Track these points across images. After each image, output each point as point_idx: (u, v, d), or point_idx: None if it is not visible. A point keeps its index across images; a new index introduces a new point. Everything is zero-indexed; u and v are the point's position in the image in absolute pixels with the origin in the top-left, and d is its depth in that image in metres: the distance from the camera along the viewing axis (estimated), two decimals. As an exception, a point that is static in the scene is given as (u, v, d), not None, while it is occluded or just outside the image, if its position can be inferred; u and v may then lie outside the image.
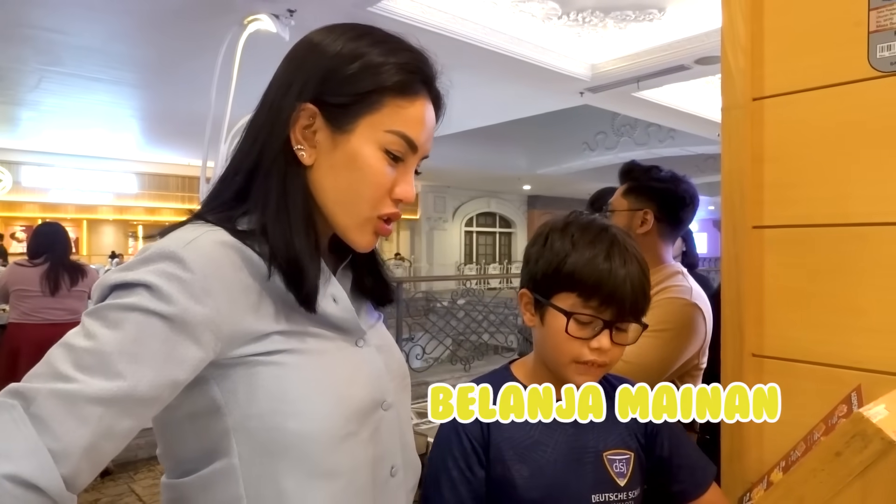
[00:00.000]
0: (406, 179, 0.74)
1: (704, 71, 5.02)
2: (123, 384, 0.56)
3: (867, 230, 0.86)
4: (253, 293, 0.66)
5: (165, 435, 0.70)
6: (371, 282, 0.84)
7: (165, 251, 0.62)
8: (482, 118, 7.03)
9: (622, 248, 0.89)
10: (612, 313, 0.87)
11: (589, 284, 0.86)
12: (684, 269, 1.60)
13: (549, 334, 0.91)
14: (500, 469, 0.90)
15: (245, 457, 0.65)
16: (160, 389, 0.59)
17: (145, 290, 0.60)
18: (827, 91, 0.90)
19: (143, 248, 0.65)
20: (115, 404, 0.55)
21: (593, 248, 0.88)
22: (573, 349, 0.88)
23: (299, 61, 0.72)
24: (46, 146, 9.85)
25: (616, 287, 0.86)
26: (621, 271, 0.86)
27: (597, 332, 0.87)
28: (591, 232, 0.90)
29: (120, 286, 0.61)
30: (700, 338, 1.47)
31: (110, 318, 0.58)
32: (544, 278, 0.91)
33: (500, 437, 0.92)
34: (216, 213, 0.70)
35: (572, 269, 0.88)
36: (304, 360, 0.68)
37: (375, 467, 0.73)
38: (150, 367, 0.58)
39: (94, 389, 0.55)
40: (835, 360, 0.89)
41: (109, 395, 0.55)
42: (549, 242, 0.92)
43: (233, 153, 0.75)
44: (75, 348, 0.57)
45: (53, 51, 4.88)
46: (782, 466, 0.91)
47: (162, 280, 0.60)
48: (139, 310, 0.59)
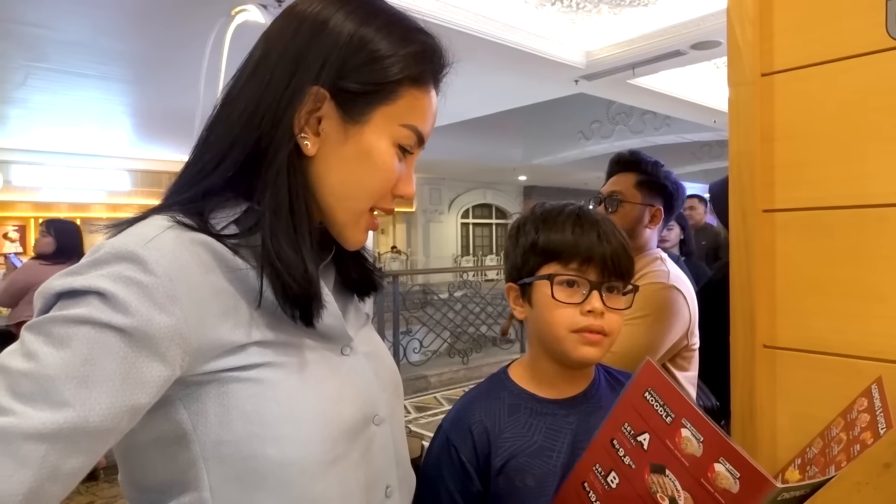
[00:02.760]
0: (408, 175, 0.68)
1: (700, 56, 4.96)
2: (71, 415, 0.47)
3: (887, 211, 0.81)
4: (226, 298, 0.58)
5: (126, 460, 0.61)
6: (355, 273, 0.76)
7: (122, 251, 0.53)
8: (476, 108, 6.96)
9: (588, 215, 0.91)
10: (596, 273, 0.87)
11: (565, 248, 0.88)
12: (663, 255, 1.63)
13: (540, 310, 0.89)
14: (504, 482, 0.85)
15: (217, 489, 0.57)
16: (117, 418, 0.50)
17: (98, 298, 0.51)
18: (841, 64, 0.85)
19: (95, 248, 0.55)
20: (61, 440, 0.47)
21: (561, 220, 0.91)
22: (565, 316, 0.86)
23: (306, 37, 0.62)
24: (36, 144, 9.75)
25: (592, 245, 0.87)
26: (593, 232, 0.88)
27: (586, 296, 0.86)
28: (556, 210, 0.94)
29: (67, 294, 0.52)
30: (684, 319, 1.49)
31: (55, 334, 0.49)
32: (524, 262, 0.91)
33: (500, 449, 0.87)
34: (185, 205, 0.61)
35: (546, 241, 0.90)
36: (285, 375, 0.60)
37: (369, 491, 0.66)
38: (105, 392, 0.49)
39: (35, 423, 0.46)
40: (853, 351, 0.84)
41: (54, 430, 0.47)
42: (522, 229, 0.94)
43: (206, 136, 0.65)
44: (11, 371, 0.48)
45: (39, 46, 4.79)
46: (798, 464, 0.86)
47: (118, 286, 0.51)
48: (90, 323, 0.50)
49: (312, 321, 0.62)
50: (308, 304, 0.61)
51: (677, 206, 1.69)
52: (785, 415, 0.91)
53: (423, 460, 0.91)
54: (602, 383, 0.96)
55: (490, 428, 0.88)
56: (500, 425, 0.89)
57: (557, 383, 0.92)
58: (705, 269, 3.12)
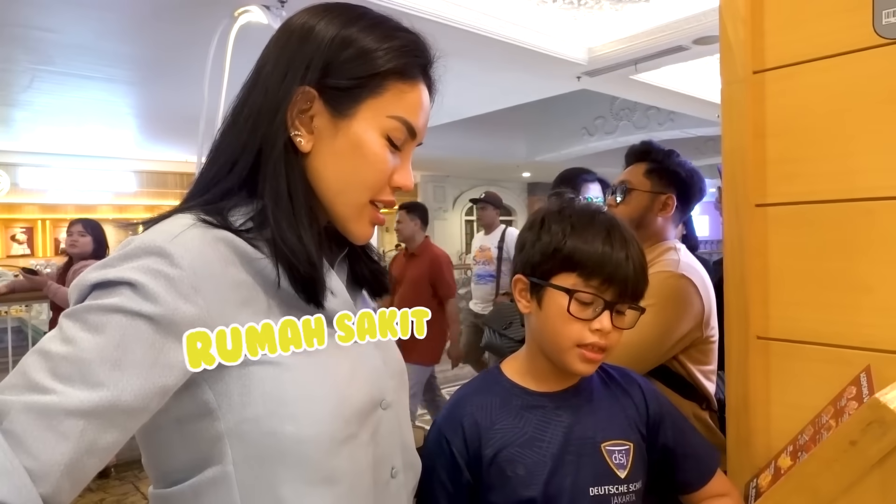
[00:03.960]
0: (405, 167, 0.71)
1: (703, 51, 4.94)
2: (106, 394, 0.52)
3: (875, 205, 0.83)
4: (245, 289, 0.63)
5: (151, 442, 0.66)
6: (367, 271, 0.81)
7: (151, 246, 0.58)
8: (479, 106, 6.96)
9: (621, 231, 0.88)
10: (614, 293, 0.86)
11: (591, 264, 0.86)
12: (678, 245, 1.59)
13: (549, 318, 0.88)
14: (495, 473, 0.88)
15: (240, 463, 0.61)
16: (147, 398, 0.55)
17: (129, 288, 0.55)
18: (830, 61, 0.87)
19: (125, 242, 0.60)
20: (97, 416, 0.51)
21: (592, 229, 0.88)
22: (574, 331, 0.86)
23: (295, 45, 0.68)
24: (43, 147, 9.79)
25: (617, 266, 0.85)
26: (622, 252, 0.86)
27: (598, 313, 0.85)
28: (588, 214, 0.91)
29: (101, 285, 0.57)
30: (694, 309, 1.44)
31: (90, 321, 0.54)
32: (542, 261, 0.89)
33: (491, 442, 0.89)
34: (206, 205, 0.66)
35: (572, 250, 0.87)
36: (301, 359, 0.64)
37: (376, 470, 0.70)
38: (136, 374, 0.54)
39: (74, 401, 0.51)
40: (843, 341, 0.86)
41: (91, 407, 0.51)
42: (546, 226, 0.91)
43: (219, 142, 0.71)
44: (52, 355, 0.53)
45: (44, 50, 4.83)
46: (790, 451, 0.88)
47: (147, 277, 0.56)
48: (122, 311, 0.54)
49: (321, 302, 0.66)
50: (314, 286, 0.65)
51: (694, 194, 1.65)
52: (778, 404, 0.93)
53: (421, 453, 0.94)
54: (594, 377, 0.97)
55: (481, 421, 0.90)
56: (491, 418, 0.91)
57: (550, 379, 0.94)
58: (710, 264, 3.13)
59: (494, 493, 0.88)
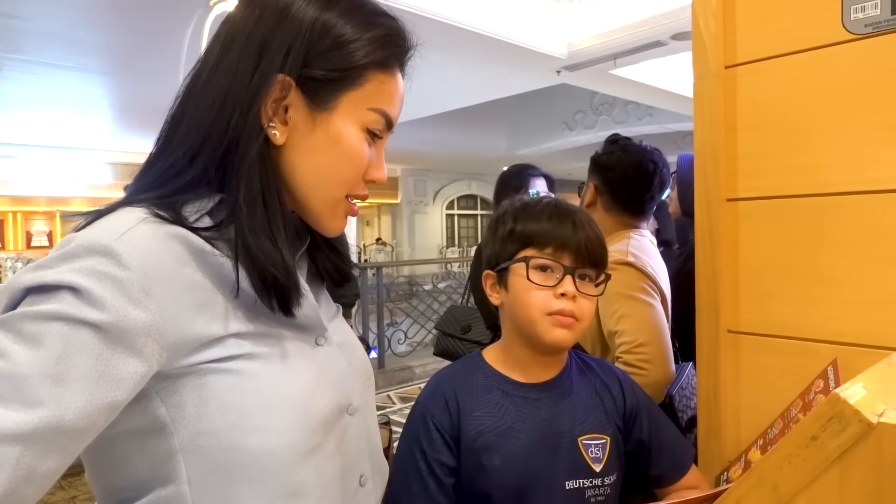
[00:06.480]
0: (379, 159, 0.68)
1: (680, 47, 4.98)
2: (46, 413, 0.46)
3: (843, 199, 0.84)
4: (202, 291, 0.57)
5: (94, 455, 0.59)
6: (329, 263, 0.76)
7: (95, 244, 0.51)
8: (459, 100, 6.94)
9: (564, 206, 0.95)
10: (570, 259, 0.90)
11: (542, 234, 0.91)
12: (635, 234, 1.54)
13: (516, 294, 0.91)
14: (471, 458, 0.88)
15: (196, 481, 0.56)
16: (94, 416, 0.48)
17: (70, 293, 0.49)
18: (800, 56, 0.87)
19: (65, 240, 0.53)
20: (36, 441, 0.45)
21: (539, 208, 0.95)
22: (540, 299, 0.89)
23: (269, 24, 0.61)
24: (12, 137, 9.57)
25: (567, 234, 0.91)
26: (568, 221, 0.92)
27: (560, 280, 0.89)
28: (533, 201, 0.98)
29: (37, 289, 0.49)
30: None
31: (26, 332, 0.47)
32: (501, 249, 0.94)
33: (471, 426, 0.89)
34: (157, 199, 0.59)
35: (523, 228, 0.93)
36: (263, 365, 0.59)
37: (344, 480, 0.66)
38: (80, 389, 0.47)
39: (9, 424, 0.44)
40: (811, 334, 0.87)
41: (28, 430, 0.45)
42: (499, 221, 0.97)
43: (173, 128, 0.63)
44: None
45: (12, 37, 4.71)
46: (760, 445, 0.89)
47: (91, 281, 0.49)
48: (63, 319, 0.48)
49: (292, 310, 0.61)
50: (287, 294, 0.61)
51: (623, 179, 1.53)
52: (748, 397, 0.94)
53: (400, 439, 0.93)
54: (573, 369, 0.98)
55: (462, 405, 0.91)
56: (471, 403, 0.91)
57: (530, 368, 0.94)
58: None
59: (470, 480, 0.88)
